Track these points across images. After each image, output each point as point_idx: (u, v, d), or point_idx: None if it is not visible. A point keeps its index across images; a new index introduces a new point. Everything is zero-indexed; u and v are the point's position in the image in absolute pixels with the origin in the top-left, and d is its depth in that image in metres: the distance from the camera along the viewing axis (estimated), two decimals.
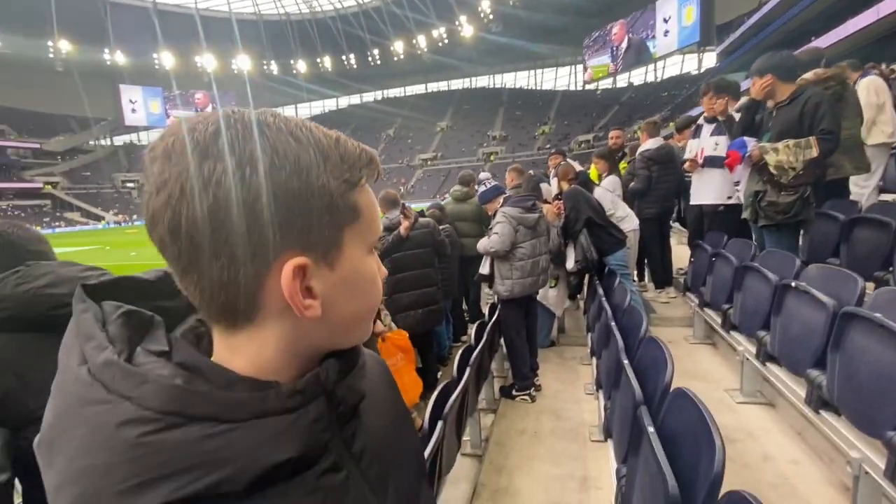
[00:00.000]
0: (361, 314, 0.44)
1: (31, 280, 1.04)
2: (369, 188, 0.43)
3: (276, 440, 0.35)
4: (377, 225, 0.44)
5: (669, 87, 50.99)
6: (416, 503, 0.53)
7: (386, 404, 0.54)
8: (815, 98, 2.81)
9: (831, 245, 3.15)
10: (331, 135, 0.41)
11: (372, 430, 0.47)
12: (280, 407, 0.36)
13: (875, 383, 1.58)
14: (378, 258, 0.46)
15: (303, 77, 78.22)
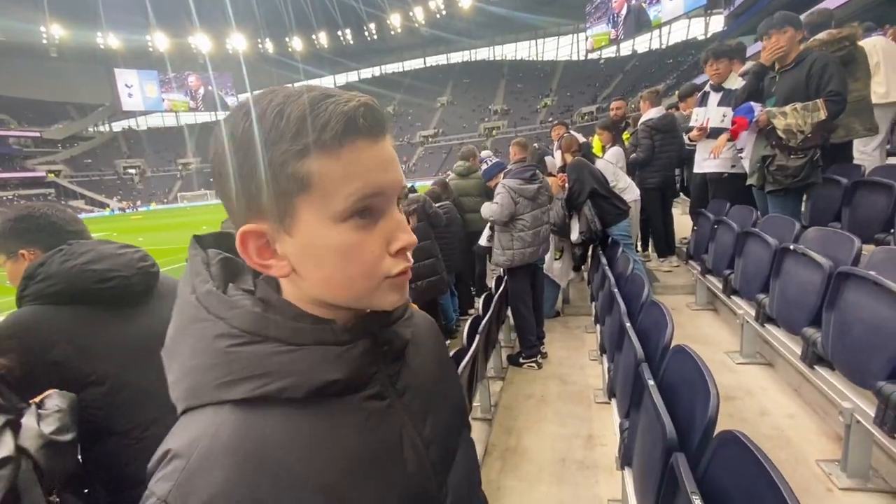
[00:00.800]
0: (336, 280, 0.44)
1: (75, 258, 1.13)
2: (353, 154, 0.42)
3: (329, 364, 0.44)
4: (348, 192, 0.42)
5: (675, 53, 49.58)
6: (453, 444, 0.59)
7: (431, 355, 0.61)
8: (822, 60, 2.79)
9: (834, 209, 3.18)
10: (310, 101, 0.42)
11: (416, 373, 0.55)
12: (333, 339, 0.45)
13: (867, 337, 1.66)
14: (350, 231, 0.43)
15: (299, 55, 76.67)
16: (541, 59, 70.12)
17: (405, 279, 0.47)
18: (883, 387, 1.53)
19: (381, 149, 0.44)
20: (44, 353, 1.05)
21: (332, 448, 0.44)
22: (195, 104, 74.94)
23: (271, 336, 0.43)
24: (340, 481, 0.43)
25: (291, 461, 0.41)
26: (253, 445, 0.40)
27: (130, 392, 1.14)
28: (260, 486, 0.39)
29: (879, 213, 2.84)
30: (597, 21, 54.12)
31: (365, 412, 0.47)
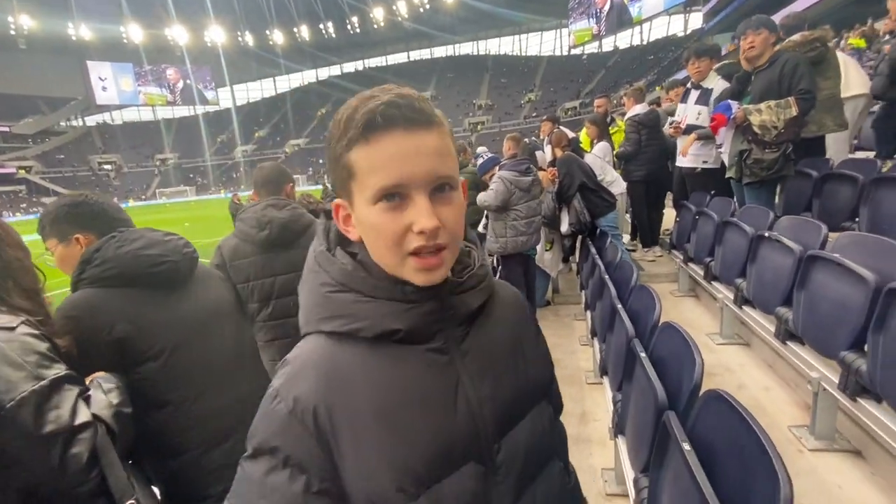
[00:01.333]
0: (375, 250, 0.56)
1: (129, 243, 1.22)
2: (378, 147, 0.50)
3: (394, 316, 0.56)
4: (373, 181, 0.51)
5: (656, 49, 50.41)
6: (516, 409, 0.64)
7: (507, 327, 0.68)
8: (793, 61, 2.98)
9: (805, 200, 3.40)
10: (357, 103, 0.52)
11: (484, 339, 0.63)
12: (402, 297, 0.56)
13: (832, 313, 1.85)
14: (379, 212, 0.52)
15: (280, 49, 75.29)
16: (524, 55, 70.42)
17: (430, 262, 0.53)
18: (845, 356, 1.72)
19: (405, 142, 0.51)
20: (107, 332, 1.14)
21: (391, 383, 0.56)
22: (173, 98, 73.08)
23: (355, 288, 0.57)
24: (393, 411, 0.55)
25: (357, 384, 0.55)
26: (332, 366, 0.55)
27: (181, 367, 1.24)
28: (330, 396, 0.54)
29: (846, 203, 3.07)
30: (579, 17, 54.49)
31: (425, 361, 0.58)
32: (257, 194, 2.02)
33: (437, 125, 0.54)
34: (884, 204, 2.70)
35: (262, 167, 2.03)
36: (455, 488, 0.56)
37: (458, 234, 0.56)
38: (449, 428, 0.57)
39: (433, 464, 0.55)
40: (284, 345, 2.01)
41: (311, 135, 66.81)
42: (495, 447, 0.60)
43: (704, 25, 37.99)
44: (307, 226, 2.01)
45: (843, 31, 5.48)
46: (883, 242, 1.92)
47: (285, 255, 1.94)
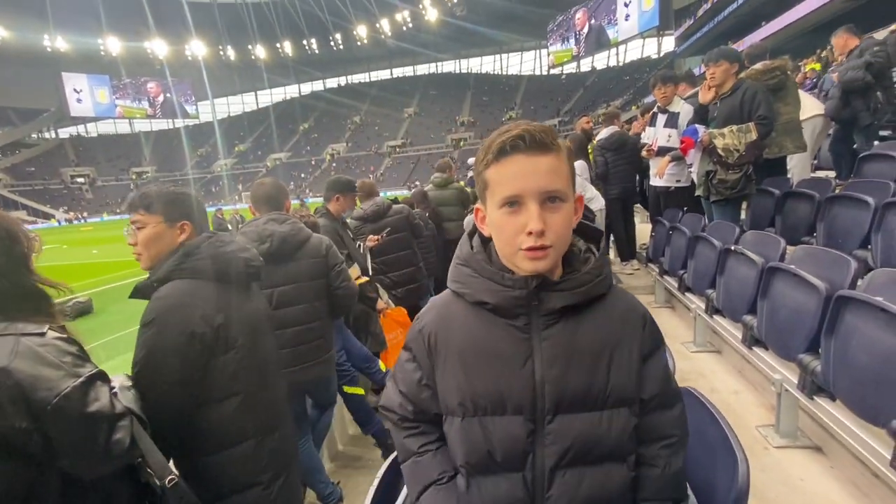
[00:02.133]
0: (500, 243, 0.76)
1: (226, 245, 1.37)
2: (505, 167, 0.72)
3: (489, 292, 0.77)
4: (500, 191, 0.72)
5: (631, 70, 52.34)
6: (578, 400, 0.75)
7: (601, 333, 0.77)
8: (752, 89, 3.25)
9: (769, 216, 3.65)
10: (497, 134, 0.74)
11: (568, 334, 0.76)
12: (500, 281, 0.76)
13: (790, 319, 2.02)
14: (503, 214, 0.73)
15: (263, 63, 75.30)
16: (505, 74, 72.07)
17: (537, 255, 0.72)
18: (802, 358, 1.89)
19: (525, 163, 0.71)
20: (209, 320, 1.26)
21: (475, 336, 0.79)
22: (153, 111, 72.05)
23: (472, 265, 0.80)
24: (469, 354, 0.79)
25: (455, 329, 0.81)
26: (446, 312, 0.83)
27: (251, 359, 1.37)
28: (439, 329, 0.82)
29: (805, 219, 3.31)
30: (559, 38, 56.36)
31: (506, 331, 0.77)
32: (257, 209, 2.10)
33: (555, 151, 0.72)
34: (838, 220, 2.94)
35: (263, 183, 2.13)
36: (502, 425, 0.76)
37: (564, 237, 0.74)
38: (508, 383, 0.76)
39: (488, 400, 0.76)
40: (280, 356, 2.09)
41: (293, 149, 66.58)
42: (548, 417, 0.76)
43: (677, 48, 39.80)
44: (306, 239, 2.10)
45: (800, 60, 5.92)
46: (834, 255, 2.12)
47: (284, 268, 2.03)
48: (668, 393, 0.82)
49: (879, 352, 1.50)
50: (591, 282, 0.77)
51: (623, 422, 0.77)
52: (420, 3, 62.22)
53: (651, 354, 0.81)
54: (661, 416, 0.82)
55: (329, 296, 2.18)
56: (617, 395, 0.77)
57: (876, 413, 1.51)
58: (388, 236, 3.63)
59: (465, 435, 0.78)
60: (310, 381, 2.16)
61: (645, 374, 0.80)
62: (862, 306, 1.61)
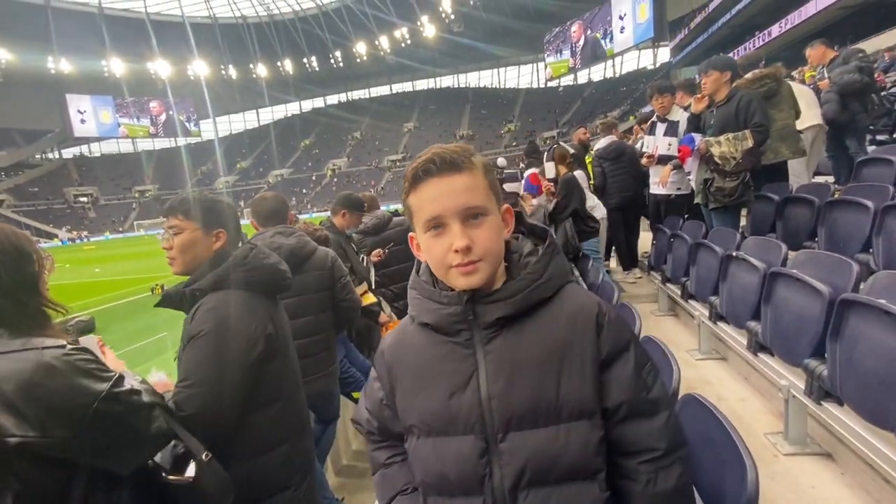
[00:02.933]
0: (432, 264, 0.77)
1: (269, 257, 1.39)
2: (422, 192, 0.73)
3: (429, 312, 0.78)
4: (422, 216, 0.73)
5: (628, 81, 52.89)
6: (529, 414, 0.71)
7: (543, 341, 0.73)
8: (747, 97, 3.28)
9: (769, 222, 3.65)
10: (413, 162, 0.74)
11: (510, 347, 0.73)
12: (437, 300, 0.77)
13: (794, 324, 2.01)
14: (429, 238, 0.74)
15: (264, 81, 76.42)
16: (503, 87, 72.92)
17: (467, 269, 0.71)
18: (808, 363, 1.88)
19: (439, 185, 0.72)
20: (262, 329, 1.28)
21: (424, 356, 0.79)
22: (155, 130, 72.97)
23: (416, 288, 0.82)
24: (420, 374, 0.79)
25: (408, 349, 0.82)
26: (402, 334, 0.85)
27: (289, 366, 1.40)
28: (395, 351, 0.84)
29: (806, 224, 3.31)
30: (555, 51, 57.16)
31: (449, 349, 0.77)
32: (261, 224, 2.12)
33: (467, 169, 0.73)
34: (838, 224, 2.94)
35: (265, 198, 2.15)
36: (454, 445, 0.74)
37: (493, 250, 0.73)
38: (457, 402, 0.74)
39: (440, 420, 0.75)
40: None
41: (294, 165, 67.23)
42: (499, 435, 0.72)
43: (672, 59, 40.29)
44: (312, 251, 2.12)
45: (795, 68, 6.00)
46: (836, 258, 2.12)
47: (291, 280, 2.05)
48: (641, 400, 0.73)
49: (885, 355, 1.49)
50: (527, 287, 0.73)
51: (583, 436, 0.70)
52: (418, 20, 63.35)
53: (614, 359, 0.74)
54: (637, 427, 0.73)
55: (333, 308, 2.19)
56: (571, 406, 0.71)
57: (885, 417, 1.49)
58: (390, 249, 3.65)
59: (420, 455, 0.78)
60: (314, 394, 2.15)
61: (607, 381, 0.73)
62: (866, 309, 1.60)
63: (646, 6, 44.52)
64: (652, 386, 0.74)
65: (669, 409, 0.75)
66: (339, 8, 65.15)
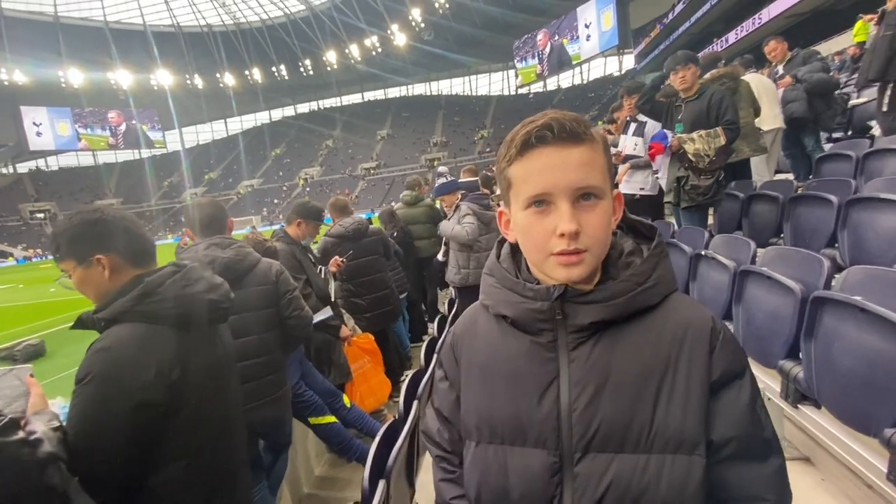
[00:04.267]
0: (525, 248, 0.67)
1: (193, 284, 1.15)
2: (530, 161, 0.62)
3: (508, 304, 0.68)
4: (525, 189, 0.62)
5: (595, 87, 54.27)
6: (613, 433, 0.61)
7: (642, 358, 0.62)
8: (718, 94, 3.25)
9: (736, 219, 3.65)
10: (521, 126, 0.63)
11: (601, 356, 0.63)
12: (521, 292, 0.67)
13: (767, 324, 1.94)
14: (529, 216, 0.63)
15: (231, 90, 74.79)
16: (475, 95, 73.60)
17: (570, 259, 0.61)
18: (783, 364, 1.80)
19: (553, 156, 0.60)
20: (168, 376, 1.04)
21: (496, 351, 0.70)
22: (115, 141, 70.25)
23: (495, 275, 0.72)
24: (491, 371, 0.70)
25: (479, 340, 0.73)
26: (472, 321, 0.76)
27: (209, 415, 1.17)
28: (464, 338, 0.75)
29: (771, 221, 3.31)
30: (523, 58, 58.19)
31: (528, 349, 0.67)
32: (197, 234, 1.91)
33: (588, 141, 0.61)
34: (802, 219, 2.94)
35: (199, 205, 1.93)
36: (521, 460, 0.64)
37: (601, 240, 0.62)
38: (528, 410, 0.64)
39: (507, 427, 0.66)
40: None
41: (265, 175, 65.73)
42: (577, 455, 0.62)
43: (637, 66, 41.52)
44: (253, 265, 1.92)
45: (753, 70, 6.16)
46: (805, 254, 2.06)
47: (228, 308, 1.85)
48: (753, 439, 0.62)
49: (863, 355, 1.41)
50: (631, 291, 0.63)
51: (680, 472, 0.59)
52: (388, 28, 63.37)
53: (725, 385, 0.62)
54: (745, 471, 0.61)
55: (281, 326, 1.99)
56: (668, 435, 0.59)
57: (865, 421, 1.41)
58: (364, 258, 3.48)
59: (479, 464, 0.68)
60: (261, 422, 1.95)
61: (715, 411, 0.61)
62: (840, 307, 1.53)
63: (610, 15, 45.89)
64: (766, 424, 0.63)
65: (781, 455, 0.64)
66: (308, 16, 64.53)
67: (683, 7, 28.76)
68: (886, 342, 1.34)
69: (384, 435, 1.60)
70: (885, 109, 4.08)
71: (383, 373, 3.20)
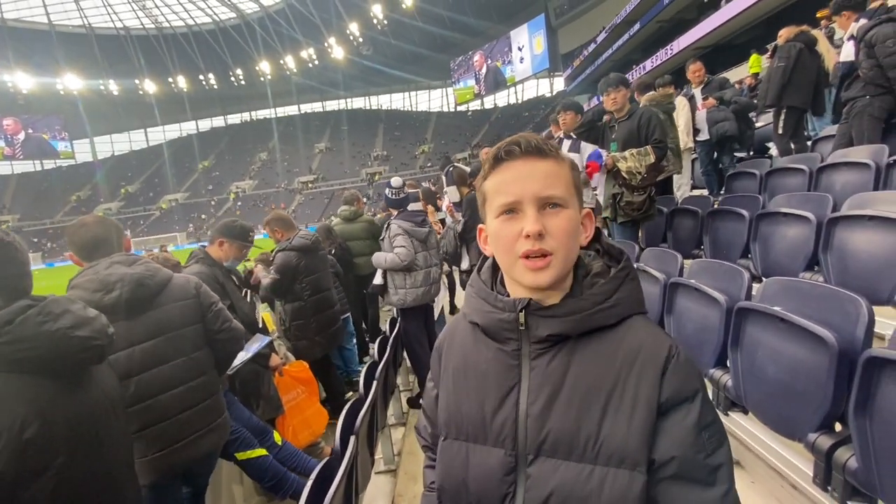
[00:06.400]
0: (499, 254, 0.70)
1: (55, 319, 0.93)
2: (501, 174, 0.68)
3: (481, 313, 0.73)
4: (497, 200, 0.68)
5: (529, 107, 56.95)
6: (565, 443, 0.64)
7: (597, 374, 0.65)
8: (647, 114, 3.45)
9: (661, 233, 3.87)
10: (494, 147, 0.69)
11: (559, 367, 0.67)
12: (492, 301, 0.72)
13: (696, 334, 2.02)
14: (500, 223, 0.68)
15: (153, 98, 69.53)
16: (416, 110, 74.37)
17: (536, 264, 0.65)
18: (713, 373, 1.87)
19: (521, 167, 0.67)
20: (19, 438, 0.84)
21: (468, 356, 0.76)
22: (12, 151, 62.43)
23: (474, 285, 0.78)
24: (461, 374, 0.76)
25: (455, 345, 0.79)
26: (455, 329, 0.81)
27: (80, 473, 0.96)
28: (446, 344, 0.81)
29: (692, 233, 3.54)
30: (461, 77, 59.94)
31: (495, 355, 0.72)
32: (82, 260, 1.64)
33: (553, 157, 0.68)
34: (719, 232, 3.16)
35: (85, 224, 1.64)
36: (481, 457, 0.70)
37: (566, 244, 0.66)
38: (491, 412, 0.70)
39: (472, 426, 0.72)
40: (154, 435, 1.59)
41: (191, 188, 61.40)
42: (529, 457, 0.66)
43: (566, 88, 44.17)
44: (167, 280, 1.70)
45: None
46: (727, 266, 2.19)
47: (145, 319, 1.61)
48: (695, 463, 0.61)
49: (785, 363, 1.49)
50: (589, 309, 0.66)
51: (620, 486, 0.61)
52: (325, 41, 62.52)
53: (674, 406, 0.62)
54: (685, 492, 0.61)
55: (210, 344, 1.77)
56: (611, 449, 0.62)
57: (791, 427, 1.48)
58: (318, 273, 3.26)
59: (444, 457, 0.75)
60: (201, 456, 1.72)
61: (661, 429, 0.62)
62: (763, 317, 1.61)
63: (541, 39, 48.68)
64: (713, 451, 0.62)
65: (730, 483, 0.63)
66: (239, 24, 62.02)
67: (606, 36, 31.28)
68: (805, 350, 1.42)
69: (319, 474, 1.44)
70: (780, 132, 4.60)
71: (319, 402, 2.98)
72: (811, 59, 4.34)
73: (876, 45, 3.32)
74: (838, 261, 2.25)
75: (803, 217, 2.48)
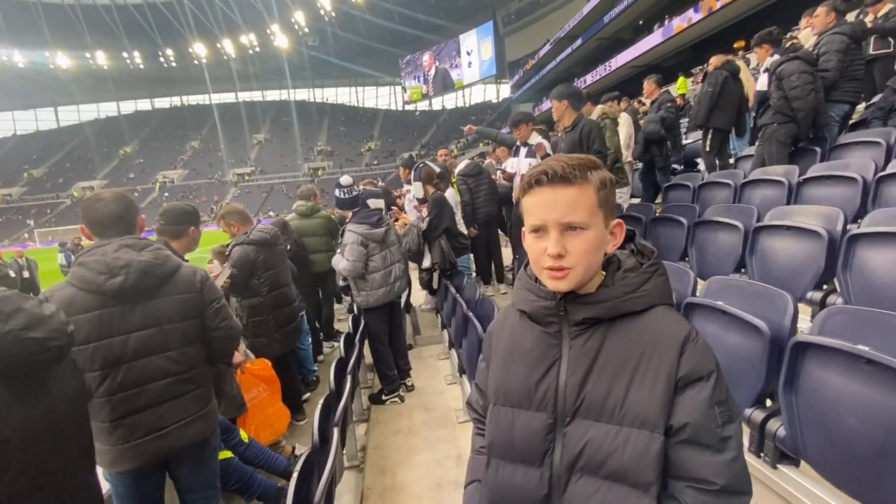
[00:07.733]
0: (531, 264, 0.85)
1: (5, 319, 0.86)
2: (532, 198, 0.80)
3: (526, 301, 0.89)
4: (530, 219, 0.80)
5: (477, 111, 58.06)
6: (594, 408, 0.78)
7: (624, 352, 0.79)
8: (588, 125, 3.71)
9: None
10: (534, 166, 0.82)
11: (594, 345, 0.81)
12: (536, 292, 0.87)
13: None
14: (531, 239, 0.81)
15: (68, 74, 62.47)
16: (363, 106, 73.03)
17: (555, 274, 0.78)
18: None
19: (547, 195, 0.78)
20: None
21: (516, 337, 0.91)
22: None
23: (521, 278, 0.93)
24: (509, 352, 0.91)
25: (506, 329, 0.94)
26: (504, 317, 0.97)
27: (34, 489, 0.90)
28: (495, 329, 0.99)
29: None
30: (409, 76, 59.79)
31: (539, 336, 0.87)
32: (95, 235, 1.57)
33: (577, 184, 0.77)
34: (661, 238, 3.49)
35: (101, 199, 1.59)
36: (526, 418, 0.85)
37: (585, 261, 0.78)
38: (535, 382, 0.85)
39: (519, 395, 0.86)
40: (134, 424, 1.54)
41: (110, 176, 55.84)
42: (567, 419, 0.81)
43: (512, 95, 45.64)
44: (174, 269, 1.63)
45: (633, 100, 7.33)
46: (674, 267, 2.44)
47: (143, 308, 1.56)
48: (707, 430, 0.72)
49: (726, 350, 1.71)
50: (618, 297, 0.80)
51: (641, 444, 0.74)
52: (268, 28, 59.65)
53: (689, 383, 0.75)
54: (696, 455, 0.73)
55: (204, 339, 1.72)
56: (634, 413, 0.75)
57: None
58: (277, 268, 3.14)
59: (494, 420, 0.89)
60: (186, 445, 1.66)
61: (677, 402, 0.75)
62: (707, 310, 1.84)
63: (489, 46, 49.87)
64: (724, 424, 0.74)
65: (739, 452, 0.74)
66: (171, 2, 57.45)
67: (550, 48, 32.70)
68: (742, 338, 1.65)
69: (303, 470, 1.45)
70: (707, 150, 5.14)
71: (280, 401, 2.92)
72: (735, 85, 4.90)
73: (783, 79, 3.82)
74: (761, 264, 2.59)
75: (733, 225, 2.82)
